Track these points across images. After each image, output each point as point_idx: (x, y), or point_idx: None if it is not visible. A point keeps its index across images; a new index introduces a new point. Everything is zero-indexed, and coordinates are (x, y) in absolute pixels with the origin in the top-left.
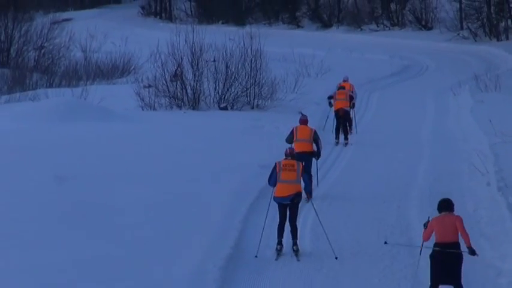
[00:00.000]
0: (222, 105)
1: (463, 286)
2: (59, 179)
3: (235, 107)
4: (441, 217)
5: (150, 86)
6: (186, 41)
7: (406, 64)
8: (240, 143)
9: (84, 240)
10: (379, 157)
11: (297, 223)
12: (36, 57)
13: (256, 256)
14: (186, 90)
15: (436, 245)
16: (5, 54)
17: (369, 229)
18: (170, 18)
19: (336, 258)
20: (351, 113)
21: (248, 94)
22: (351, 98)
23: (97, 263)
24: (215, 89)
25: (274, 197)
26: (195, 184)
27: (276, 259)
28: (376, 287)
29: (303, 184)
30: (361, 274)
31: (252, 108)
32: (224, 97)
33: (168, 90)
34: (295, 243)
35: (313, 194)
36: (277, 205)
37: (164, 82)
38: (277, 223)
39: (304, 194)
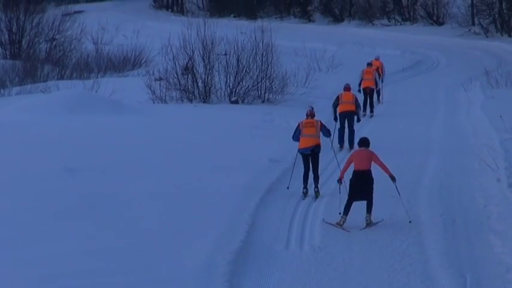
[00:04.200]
0: (232, 99)
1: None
2: (69, 171)
3: (246, 101)
4: (359, 151)
5: (161, 79)
6: (197, 34)
7: (417, 59)
8: (250, 137)
9: (92, 231)
10: (390, 152)
11: (319, 172)
12: (47, 49)
13: (288, 188)
14: (197, 84)
15: (353, 172)
16: (17, 46)
17: (378, 224)
18: (182, 11)
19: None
20: (379, 85)
21: (259, 88)
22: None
23: (105, 255)
24: (226, 82)
25: (298, 149)
26: (205, 177)
27: (303, 199)
28: (385, 282)
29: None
30: (370, 269)
31: (263, 102)
32: (235, 91)
33: (179, 83)
34: (316, 186)
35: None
36: (301, 156)
37: (175, 75)
38: (303, 172)
39: (346, 145)
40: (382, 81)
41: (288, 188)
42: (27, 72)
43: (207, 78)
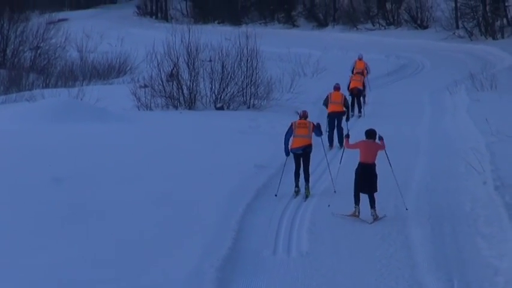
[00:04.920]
0: (218, 105)
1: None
2: (55, 180)
3: (231, 107)
4: (368, 142)
5: (146, 86)
6: (182, 41)
7: (402, 63)
8: (236, 143)
9: (79, 241)
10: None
11: (309, 171)
12: (32, 58)
13: (276, 195)
14: (182, 90)
15: (359, 164)
16: (1, 55)
17: (365, 228)
18: (166, 18)
19: (335, 191)
20: (366, 88)
21: (244, 94)
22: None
23: (94, 263)
24: (211, 88)
25: (290, 148)
26: (192, 184)
27: (295, 197)
28: (373, 286)
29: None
30: (358, 274)
31: (248, 108)
32: (220, 97)
33: (164, 90)
34: (307, 186)
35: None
36: (293, 156)
37: (160, 82)
38: (294, 171)
39: (336, 143)
40: (368, 82)
41: (276, 195)
42: (12, 81)
43: (192, 84)
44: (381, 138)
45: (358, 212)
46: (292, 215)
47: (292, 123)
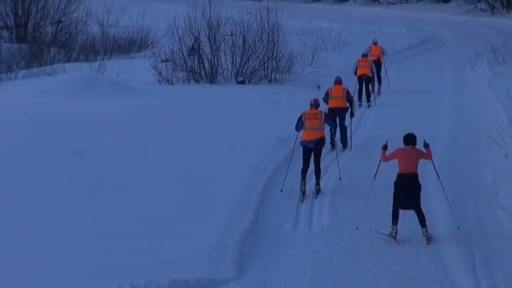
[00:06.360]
0: (239, 79)
1: (423, 211)
2: (77, 153)
3: (252, 81)
4: (406, 149)
5: (167, 60)
6: (203, 15)
7: (423, 37)
8: (257, 117)
9: (102, 214)
10: (398, 128)
11: (321, 167)
12: (53, 32)
13: (281, 190)
14: (204, 64)
15: (398, 175)
16: (23, 29)
17: (387, 202)
18: None
19: (340, 178)
20: (382, 71)
21: (265, 68)
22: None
23: (116, 237)
24: (232, 62)
25: (300, 141)
26: (213, 158)
27: (302, 201)
28: (394, 259)
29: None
30: (379, 246)
31: (270, 81)
32: (241, 71)
33: (186, 64)
34: (317, 183)
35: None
36: (302, 150)
37: (181, 56)
38: (301, 168)
39: (340, 144)
40: (385, 67)
41: (281, 190)
42: (33, 55)
43: (214, 58)
44: (426, 146)
45: (395, 233)
46: (314, 188)
47: (302, 114)
